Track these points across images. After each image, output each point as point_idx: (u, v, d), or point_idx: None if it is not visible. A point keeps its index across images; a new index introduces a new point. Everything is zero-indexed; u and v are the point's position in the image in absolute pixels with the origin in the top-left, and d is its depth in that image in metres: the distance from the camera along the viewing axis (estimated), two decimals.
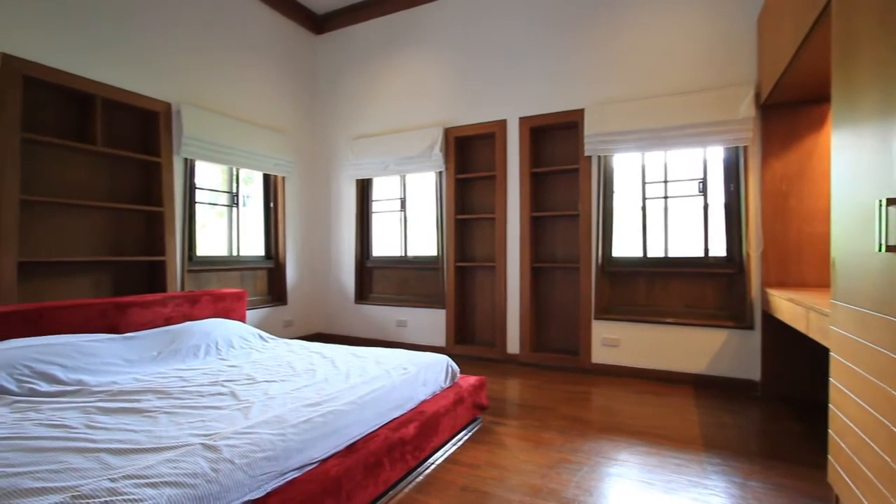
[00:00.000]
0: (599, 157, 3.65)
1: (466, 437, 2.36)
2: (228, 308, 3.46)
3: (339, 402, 1.81)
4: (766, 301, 2.99)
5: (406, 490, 1.83)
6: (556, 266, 3.91)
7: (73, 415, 1.76)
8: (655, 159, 3.61)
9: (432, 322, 4.38)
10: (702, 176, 3.45)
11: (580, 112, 3.69)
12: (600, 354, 3.65)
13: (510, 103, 4.02)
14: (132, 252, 3.42)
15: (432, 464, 2.05)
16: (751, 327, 3.17)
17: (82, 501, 1.12)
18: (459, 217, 4.27)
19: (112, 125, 3.26)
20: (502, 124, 4.04)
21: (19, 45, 2.75)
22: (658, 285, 3.58)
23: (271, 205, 4.59)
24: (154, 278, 3.51)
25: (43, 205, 2.90)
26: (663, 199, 3.58)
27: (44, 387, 2.06)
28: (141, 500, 1.12)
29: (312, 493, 1.40)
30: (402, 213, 4.68)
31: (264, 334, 3.24)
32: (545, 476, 1.96)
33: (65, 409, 1.82)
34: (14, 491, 1.18)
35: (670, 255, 3.56)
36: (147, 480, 1.21)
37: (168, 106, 3.52)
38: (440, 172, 4.35)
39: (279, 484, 1.41)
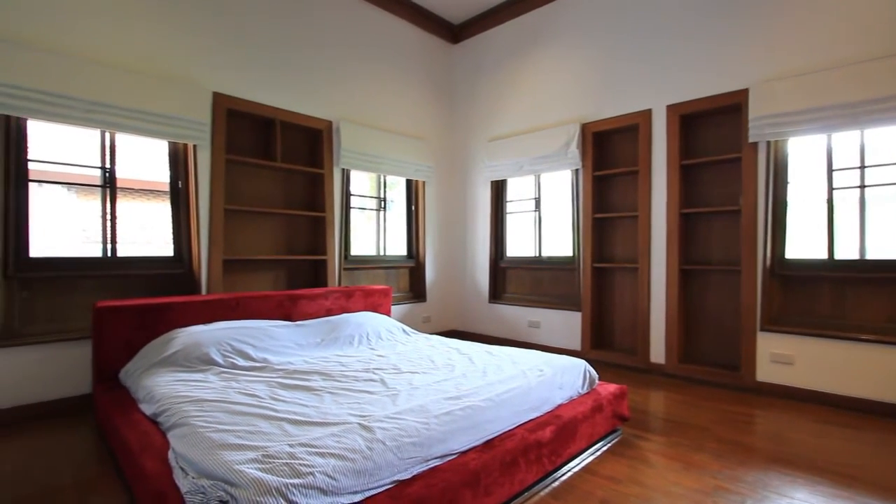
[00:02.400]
0: (769, 142, 3.16)
1: (605, 448, 2.25)
2: (377, 303, 3.82)
3: (477, 397, 1.88)
4: None
5: (542, 494, 1.82)
6: (710, 269, 3.49)
7: (260, 387, 2.12)
8: (846, 141, 2.99)
9: (566, 324, 4.25)
10: None
11: (742, 93, 3.23)
12: (768, 372, 3.15)
13: (655, 91, 3.70)
14: (301, 252, 3.98)
15: (569, 471, 2.00)
16: None
17: (270, 460, 1.34)
18: (597, 216, 4.07)
19: (287, 143, 3.84)
20: (646, 115, 3.73)
21: (224, 84, 3.40)
22: (850, 293, 2.96)
23: (413, 208, 4.93)
24: (317, 274, 4.04)
25: (239, 213, 3.54)
26: (859, 189, 2.94)
27: (241, 362, 2.52)
28: (312, 466, 1.31)
29: (453, 482, 1.48)
30: (537, 213, 4.63)
31: (407, 328, 3.50)
32: (699, 503, 1.77)
33: (255, 382, 2.20)
34: (223, 444, 1.47)
35: (868, 256, 2.91)
36: (317, 450, 1.41)
37: (329, 123, 4.03)
38: (576, 170, 4.20)
39: (423, 469, 1.51)
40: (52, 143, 2.83)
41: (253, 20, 3.57)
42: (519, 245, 4.83)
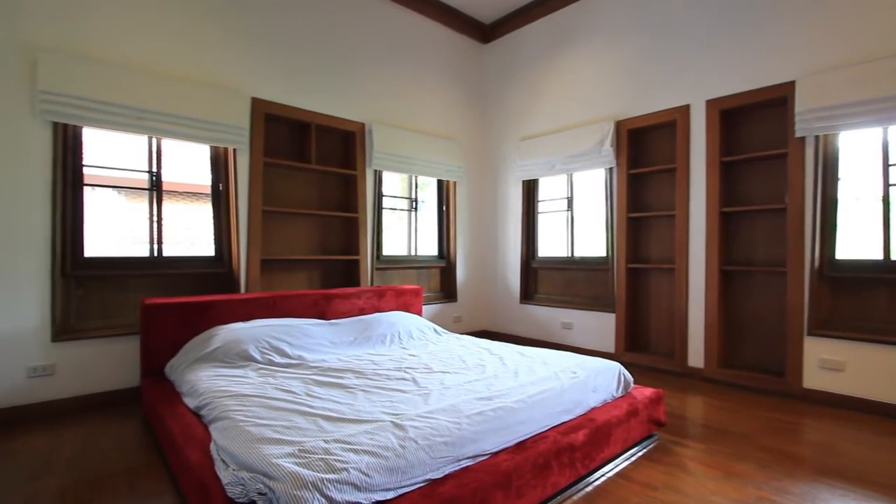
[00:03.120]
0: (817, 137, 3.00)
1: (641, 454, 2.19)
2: (408, 302, 3.85)
3: (508, 398, 1.87)
4: None
5: (575, 498, 1.79)
6: (753, 269, 3.35)
7: (296, 384, 2.17)
8: None
9: (600, 326, 4.17)
10: None
11: (788, 86, 3.08)
12: (816, 379, 3.00)
13: (693, 86, 3.57)
14: (334, 252, 4.06)
15: (603, 476, 1.96)
16: None
17: (306, 455, 1.38)
18: (632, 215, 3.97)
19: (321, 146, 3.92)
20: (684, 110, 3.62)
21: (262, 90, 3.51)
22: None
23: (444, 208, 4.95)
24: (350, 274, 4.12)
25: (276, 214, 3.65)
26: None
27: (277, 358, 2.60)
28: (347, 463, 1.34)
29: (485, 482, 1.48)
30: (569, 212, 4.56)
31: (438, 328, 3.51)
32: None
33: (291, 378, 2.26)
34: (261, 438, 1.52)
35: None
36: (351, 446, 1.44)
37: (362, 125, 4.09)
38: (610, 169, 4.11)
39: (455, 469, 1.52)
40: (104, 149, 3.00)
41: (290, 28, 3.67)
42: (551, 245, 4.77)
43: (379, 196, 4.30)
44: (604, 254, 4.25)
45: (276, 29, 3.60)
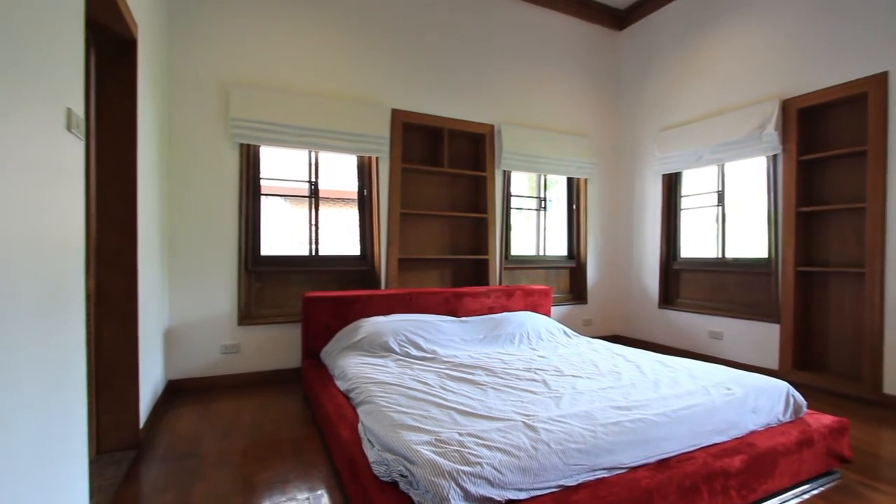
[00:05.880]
0: None
1: (816, 492, 1.86)
2: (536, 303, 3.81)
3: (648, 410, 1.74)
4: None
5: None
6: None
7: (431, 376, 2.30)
8: None
9: (758, 337, 3.63)
10: None
11: None
12: None
13: (893, 47, 2.91)
14: (464, 251, 4.20)
15: None
16: None
17: (442, 445, 1.45)
18: (803, 210, 3.38)
19: (452, 149, 4.09)
20: (879, 80, 2.96)
21: (400, 100, 3.79)
22: None
23: (574, 206, 4.78)
24: (479, 273, 4.21)
25: (411, 216, 3.90)
26: None
27: (413, 351, 2.79)
28: (480, 457, 1.38)
29: (623, 498, 1.40)
30: (719, 207, 4.06)
31: (568, 330, 3.41)
32: None
33: (426, 371, 2.41)
34: (402, 424, 1.64)
35: None
36: (484, 442, 1.48)
37: (491, 127, 4.16)
38: (774, 156, 3.56)
39: (589, 479, 1.47)
40: (274, 163, 3.53)
41: (424, 40, 3.90)
42: (696, 244, 4.30)
43: (507, 196, 4.33)
44: (764, 254, 3.69)
45: (412, 42, 3.85)
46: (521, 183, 4.64)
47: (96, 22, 1.95)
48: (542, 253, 4.66)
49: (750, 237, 3.85)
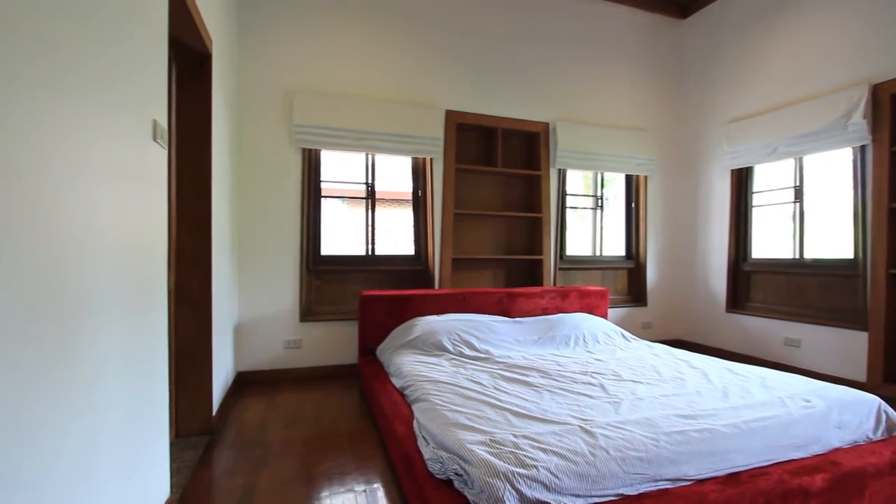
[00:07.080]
0: None
1: None
2: (593, 304, 3.71)
3: (716, 420, 1.64)
4: None
5: None
6: None
7: (484, 377, 2.30)
8: None
9: (842, 346, 3.32)
10: None
11: None
12: None
13: None
14: (518, 252, 4.15)
15: None
16: None
17: (497, 446, 1.45)
18: None
19: (506, 149, 4.06)
20: None
21: (454, 101, 3.81)
22: None
23: (633, 205, 4.60)
24: (533, 273, 4.15)
25: (465, 216, 3.92)
26: None
27: (467, 351, 2.80)
28: (536, 461, 1.36)
29: None
30: (797, 204, 3.75)
31: (626, 333, 3.29)
32: None
33: (480, 371, 2.41)
34: (456, 423, 1.65)
35: None
36: (539, 445, 1.46)
37: (546, 125, 4.09)
38: (862, 147, 3.24)
39: (651, 489, 1.41)
40: (333, 166, 3.66)
41: (477, 40, 3.90)
42: (769, 244, 4.00)
43: (562, 195, 4.23)
44: (849, 255, 3.37)
45: (467, 43, 3.86)
46: (577, 181, 4.52)
47: (175, 38, 2.11)
48: (598, 253, 4.51)
49: (832, 236, 3.53)
